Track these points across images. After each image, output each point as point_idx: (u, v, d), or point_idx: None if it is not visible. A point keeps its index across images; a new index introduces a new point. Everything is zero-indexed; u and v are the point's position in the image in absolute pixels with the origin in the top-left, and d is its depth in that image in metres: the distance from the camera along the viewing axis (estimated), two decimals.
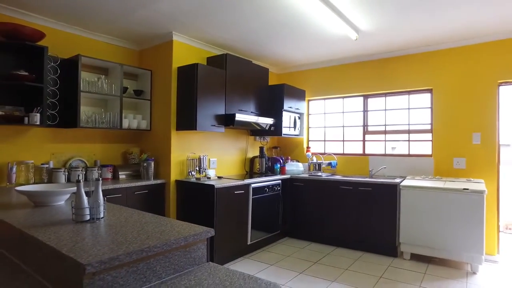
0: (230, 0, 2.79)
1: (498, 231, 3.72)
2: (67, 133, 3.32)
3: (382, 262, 3.51)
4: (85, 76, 3.23)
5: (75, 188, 2.03)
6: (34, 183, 2.94)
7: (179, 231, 1.43)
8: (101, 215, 1.63)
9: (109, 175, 3.43)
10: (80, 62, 3.08)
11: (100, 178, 1.67)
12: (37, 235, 1.31)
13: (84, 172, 3.24)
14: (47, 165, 3.08)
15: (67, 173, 3.11)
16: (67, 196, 2.07)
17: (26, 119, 2.78)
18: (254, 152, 4.85)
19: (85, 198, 1.58)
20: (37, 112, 2.82)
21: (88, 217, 1.58)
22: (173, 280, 1.28)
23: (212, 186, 3.30)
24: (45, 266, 1.28)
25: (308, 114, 5.28)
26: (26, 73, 2.77)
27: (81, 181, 1.59)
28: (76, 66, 3.07)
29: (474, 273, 3.24)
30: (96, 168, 3.32)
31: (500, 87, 3.72)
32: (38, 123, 2.82)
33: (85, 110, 3.26)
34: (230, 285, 1.22)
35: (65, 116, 3.08)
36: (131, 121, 3.57)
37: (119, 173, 3.47)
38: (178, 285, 1.23)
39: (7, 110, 2.82)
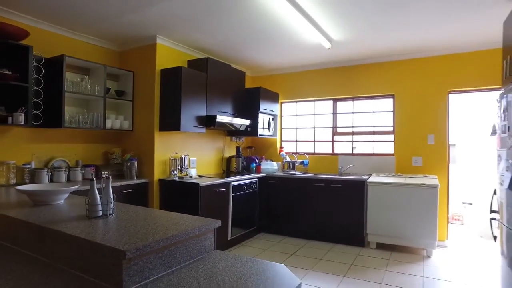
0: (216, 9, 2.97)
1: (448, 220, 4.24)
2: (48, 133, 3.30)
3: (352, 252, 3.87)
4: (68, 76, 3.23)
5: (76, 187, 2.12)
6: (16, 183, 2.91)
7: (191, 222, 1.60)
8: (112, 211, 1.75)
9: (91, 175, 3.45)
10: (65, 62, 3.08)
11: (110, 177, 1.78)
12: (64, 230, 1.42)
13: (68, 172, 3.24)
14: (29, 166, 3.06)
15: (50, 174, 3.10)
16: (67, 195, 2.14)
17: (10, 118, 2.75)
18: (230, 152, 5.03)
19: (98, 195, 1.70)
20: (22, 112, 2.80)
21: (100, 213, 1.70)
22: (190, 265, 1.45)
23: (197, 184, 3.45)
24: (75, 258, 1.38)
25: (281, 116, 5.56)
26: (9, 72, 2.74)
27: (94, 179, 1.70)
28: (60, 66, 3.07)
29: (429, 257, 3.70)
30: (79, 168, 3.34)
31: (450, 94, 4.24)
32: (22, 123, 2.80)
33: (68, 110, 3.26)
34: (241, 266, 1.43)
35: (49, 116, 3.07)
36: (113, 121, 3.61)
37: (102, 172, 3.50)
38: (196, 268, 1.41)
39: None
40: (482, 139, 4.95)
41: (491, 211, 2.76)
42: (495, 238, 2.73)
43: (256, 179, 4.55)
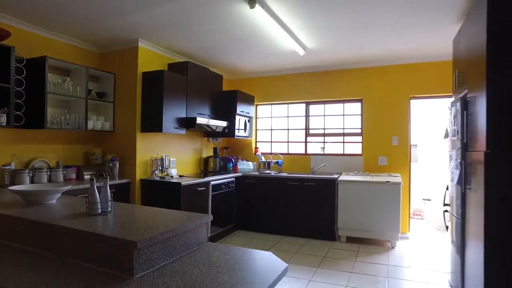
0: (198, 16, 3.12)
1: (409, 214, 4.67)
2: (28, 134, 3.29)
3: (324, 245, 4.17)
4: (49, 77, 3.24)
5: (69, 187, 2.20)
6: None
7: (187, 217, 1.77)
8: (110, 209, 1.87)
9: (74, 176, 3.48)
10: (47, 64, 3.10)
11: (108, 176, 1.89)
12: (73, 226, 1.54)
13: (49, 173, 3.26)
14: (9, 167, 3.05)
15: (31, 175, 3.11)
16: (59, 195, 2.22)
17: None
18: (208, 152, 5.18)
19: (97, 194, 1.81)
20: (4, 113, 2.80)
21: (100, 211, 1.81)
22: (189, 254, 1.62)
23: (179, 184, 3.58)
24: (84, 252, 1.50)
25: (256, 118, 5.79)
26: None
27: (94, 179, 1.81)
28: (42, 67, 3.09)
29: (393, 247, 4.07)
30: (61, 169, 3.36)
31: (411, 100, 4.66)
32: (4, 124, 2.80)
33: (50, 111, 3.27)
34: (234, 254, 1.62)
35: (31, 117, 3.07)
36: (94, 122, 3.65)
37: (84, 173, 3.53)
38: (194, 257, 1.59)
39: None
40: (439, 140, 5.46)
41: (444, 204, 3.14)
42: (447, 228, 3.11)
43: (234, 178, 4.73)
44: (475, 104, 2.32)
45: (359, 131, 4.98)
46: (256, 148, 5.63)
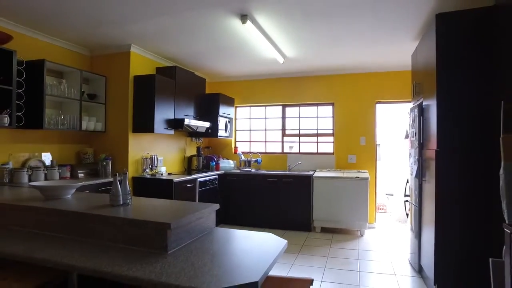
0: (189, 26, 3.41)
1: (376, 206, 5.24)
2: (24, 134, 3.40)
3: (301, 236, 4.60)
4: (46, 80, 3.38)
5: (82, 183, 2.43)
6: None
7: (200, 206, 2.09)
8: (129, 201, 2.14)
9: (68, 174, 3.63)
10: (45, 67, 3.25)
11: (127, 172, 2.15)
12: (107, 214, 1.82)
13: (46, 172, 3.40)
14: (8, 166, 3.17)
15: (30, 173, 3.24)
16: (74, 190, 2.43)
17: None
18: (191, 151, 5.45)
19: (120, 187, 2.08)
20: (7, 114, 2.94)
21: (121, 202, 2.08)
22: (204, 236, 1.95)
23: (171, 180, 3.85)
24: (119, 235, 1.77)
25: (236, 119, 6.13)
26: None
27: (117, 174, 2.08)
28: (41, 70, 3.24)
29: (362, 235, 4.60)
30: (56, 168, 3.50)
31: (377, 104, 5.23)
32: (7, 124, 2.94)
33: (47, 112, 3.41)
34: (241, 235, 1.97)
35: (30, 117, 3.21)
36: (87, 123, 3.82)
37: (78, 171, 3.69)
38: (210, 238, 1.92)
39: None
40: (399, 140, 6.11)
41: (405, 195, 3.68)
42: (407, 215, 3.65)
43: (217, 175, 5.05)
44: (429, 111, 2.84)
45: (331, 131, 5.48)
46: (236, 147, 5.97)
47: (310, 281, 1.87)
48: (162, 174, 4.21)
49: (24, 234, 1.93)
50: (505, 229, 1.68)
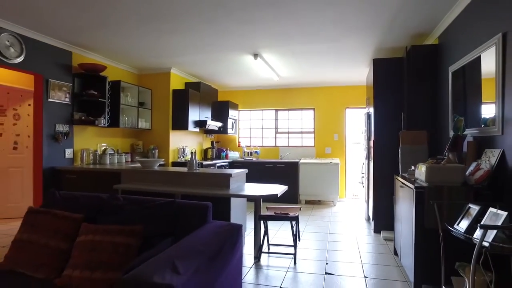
0: (215, 59, 5.04)
1: (345, 185, 7.02)
2: (104, 131, 4.95)
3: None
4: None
5: (162, 160, 4.03)
6: (92, 163, 4.57)
7: (235, 170, 3.75)
8: (197, 169, 3.76)
9: (129, 159, 5.20)
10: (121, 86, 4.83)
11: (195, 151, 3.76)
12: (195, 171, 3.46)
13: (117, 157, 4.96)
14: (97, 151, 4.73)
15: (110, 157, 4.80)
16: (158, 164, 4.03)
17: (96, 121, 4.43)
18: (206, 145, 7.06)
19: (194, 160, 3.70)
20: (103, 118, 4.50)
21: (195, 169, 3.70)
22: (242, 183, 3.60)
23: (201, 163, 5.47)
24: (201, 182, 3.40)
25: (239, 120, 7.78)
26: (96, 93, 4.43)
27: (193, 152, 3.70)
28: (118, 87, 4.80)
29: (334, 205, 6.35)
30: (123, 154, 5.07)
31: (346, 109, 7.00)
32: (103, 125, 4.50)
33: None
34: (259, 185, 3.66)
35: (113, 120, 4.77)
36: (141, 123, 5.40)
37: (136, 158, 5.27)
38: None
39: (81, 115, 4.41)
40: (359, 135, 7.90)
41: (362, 173, 5.45)
42: (362, 184, 5.42)
43: (227, 162, 6.69)
44: (371, 116, 4.59)
45: (312, 130, 7.21)
46: (239, 142, 7.62)
47: (298, 208, 3.56)
48: None
49: (148, 184, 3.55)
50: (395, 176, 3.43)
